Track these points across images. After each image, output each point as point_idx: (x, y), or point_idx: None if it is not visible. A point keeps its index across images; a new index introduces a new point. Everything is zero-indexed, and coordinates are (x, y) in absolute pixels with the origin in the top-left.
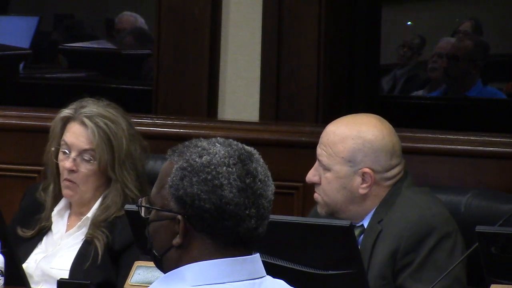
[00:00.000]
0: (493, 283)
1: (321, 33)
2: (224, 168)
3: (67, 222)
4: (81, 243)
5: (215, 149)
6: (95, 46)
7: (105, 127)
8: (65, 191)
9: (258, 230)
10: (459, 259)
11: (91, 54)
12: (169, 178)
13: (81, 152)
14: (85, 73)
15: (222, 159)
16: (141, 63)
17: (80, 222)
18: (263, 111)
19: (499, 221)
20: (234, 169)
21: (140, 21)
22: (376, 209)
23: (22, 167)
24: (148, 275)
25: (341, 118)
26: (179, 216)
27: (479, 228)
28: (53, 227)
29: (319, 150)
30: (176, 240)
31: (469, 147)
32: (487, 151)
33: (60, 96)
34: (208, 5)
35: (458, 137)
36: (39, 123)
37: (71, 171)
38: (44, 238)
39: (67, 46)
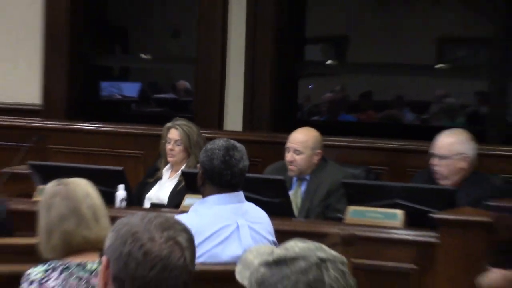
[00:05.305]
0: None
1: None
2: (217, 151)
3: (169, 175)
4: (174, 184)
5: (218, 142)
6: (167, 96)
7: (186, 129)
8: (169, 159)
9: (232, 181)
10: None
11: (166, 101)
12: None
13: (175, 141)
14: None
15: (217, 147)
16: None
17: (175, 175)
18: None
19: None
20: (221, 152)
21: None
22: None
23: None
24: (194, 200)
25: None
26: (200, 171)
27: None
28: (163, 176)
29: (293, 145)
30: (199, 183)
31: None
32: None
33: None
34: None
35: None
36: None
37: (171, 150)
38: (158, 183)
39: (157, 96)
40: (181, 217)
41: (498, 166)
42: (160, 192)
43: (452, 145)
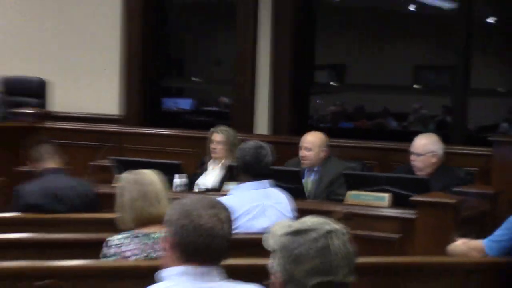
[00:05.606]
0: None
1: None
2: (248, 149)
3: (213, 167)
4: (218, 174)
5: (249, 142)
6: (212, 108)
7: (227, 133)
8: (213, 155)
9: (260, 172)
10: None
11: (211, 112)
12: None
13: (218, 142)
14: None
15: (249, 146)
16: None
17: (217, 167)
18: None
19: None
20: (252, 150)
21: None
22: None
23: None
24: (232, 186)
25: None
26: (237, 165)
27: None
28: (209, 168)
29: (305, 144)
30: (236, 173)
31: None
32: None
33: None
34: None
35: None
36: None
37: (214, 149)
38: (204, 173)
39: (204, 109)
40: (222, 199)
41: (460, 161)
42: (206, 179)
43: (425, 145)
